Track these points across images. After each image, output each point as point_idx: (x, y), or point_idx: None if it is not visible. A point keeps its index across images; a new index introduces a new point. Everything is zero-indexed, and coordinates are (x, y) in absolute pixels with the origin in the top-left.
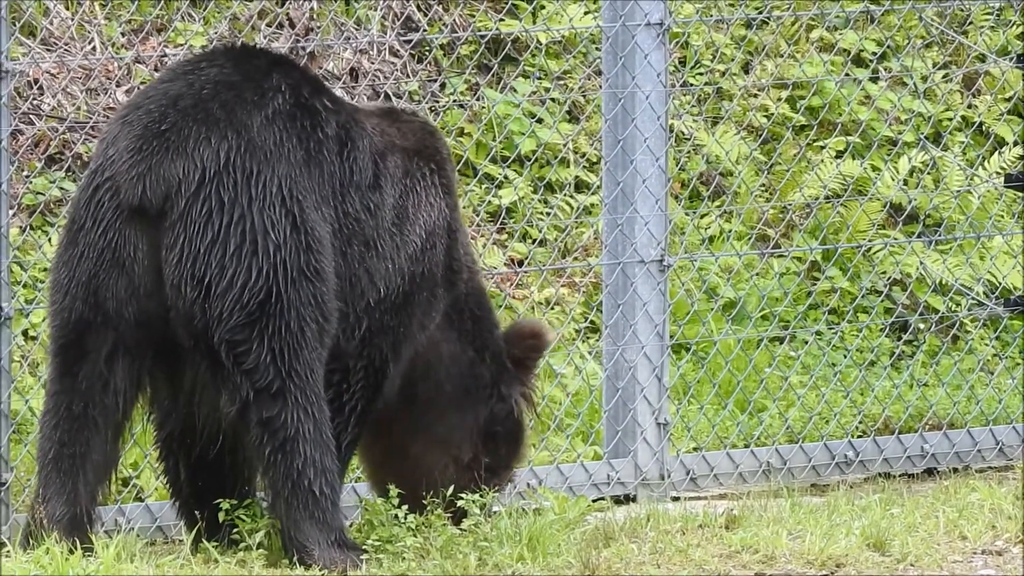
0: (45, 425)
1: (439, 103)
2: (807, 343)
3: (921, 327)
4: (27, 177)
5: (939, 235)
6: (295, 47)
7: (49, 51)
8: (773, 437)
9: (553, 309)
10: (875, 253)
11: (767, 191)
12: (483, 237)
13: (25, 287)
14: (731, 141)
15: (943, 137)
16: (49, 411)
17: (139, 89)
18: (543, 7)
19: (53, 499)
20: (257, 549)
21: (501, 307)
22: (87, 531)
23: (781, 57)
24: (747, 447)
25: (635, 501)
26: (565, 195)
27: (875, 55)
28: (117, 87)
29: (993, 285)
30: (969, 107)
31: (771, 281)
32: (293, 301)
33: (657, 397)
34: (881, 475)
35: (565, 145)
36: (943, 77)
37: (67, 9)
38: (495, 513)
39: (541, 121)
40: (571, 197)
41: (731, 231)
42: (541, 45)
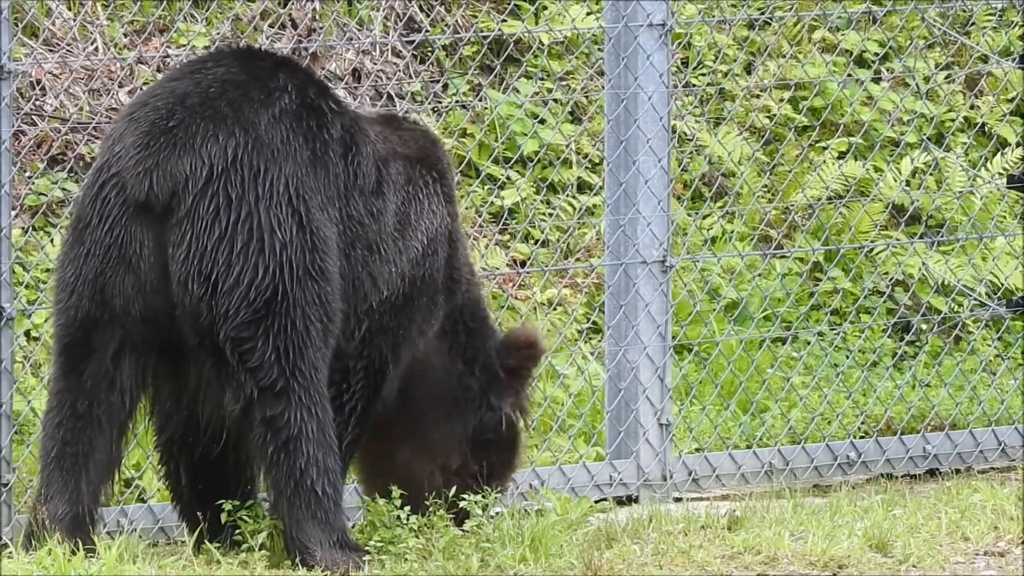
0: (48, 424)
1: (442, 104)
2: (809, 344)
3: (923, 328)
4: (29, 178)
5: (941, 236)
6: (298, 48)
7: (51, 52)
8: (775, 438)
9: (555, 310)
10: (877, 254)
11: (769, 192)
12: (485, 238)
13: (27, 288)
14: (733, 142)
15: (945, 138)
16: (52, 409)
17: (142, 89)
18: (545, 8)
19: (55, 498)
20: (259, 550)
21: (503, 308)
22: (89, 531)
23: (783, 58)
24: (749, 448)
25: (637, 502)
26: (567, 196)
27: (877, 56)
28: (119, 88)
29: (995, 286)
30: (972, 108)
31: (773, 282)
32: (299, 300)
33: (659, 398)
34: (883, 476)
35: (567, 146)
36: (945, 78)
37: (69, 10)
38: (497, 514)
39: (543, 122)
40: (573, 198)
41: (733, 232)
42: (543, 46)
